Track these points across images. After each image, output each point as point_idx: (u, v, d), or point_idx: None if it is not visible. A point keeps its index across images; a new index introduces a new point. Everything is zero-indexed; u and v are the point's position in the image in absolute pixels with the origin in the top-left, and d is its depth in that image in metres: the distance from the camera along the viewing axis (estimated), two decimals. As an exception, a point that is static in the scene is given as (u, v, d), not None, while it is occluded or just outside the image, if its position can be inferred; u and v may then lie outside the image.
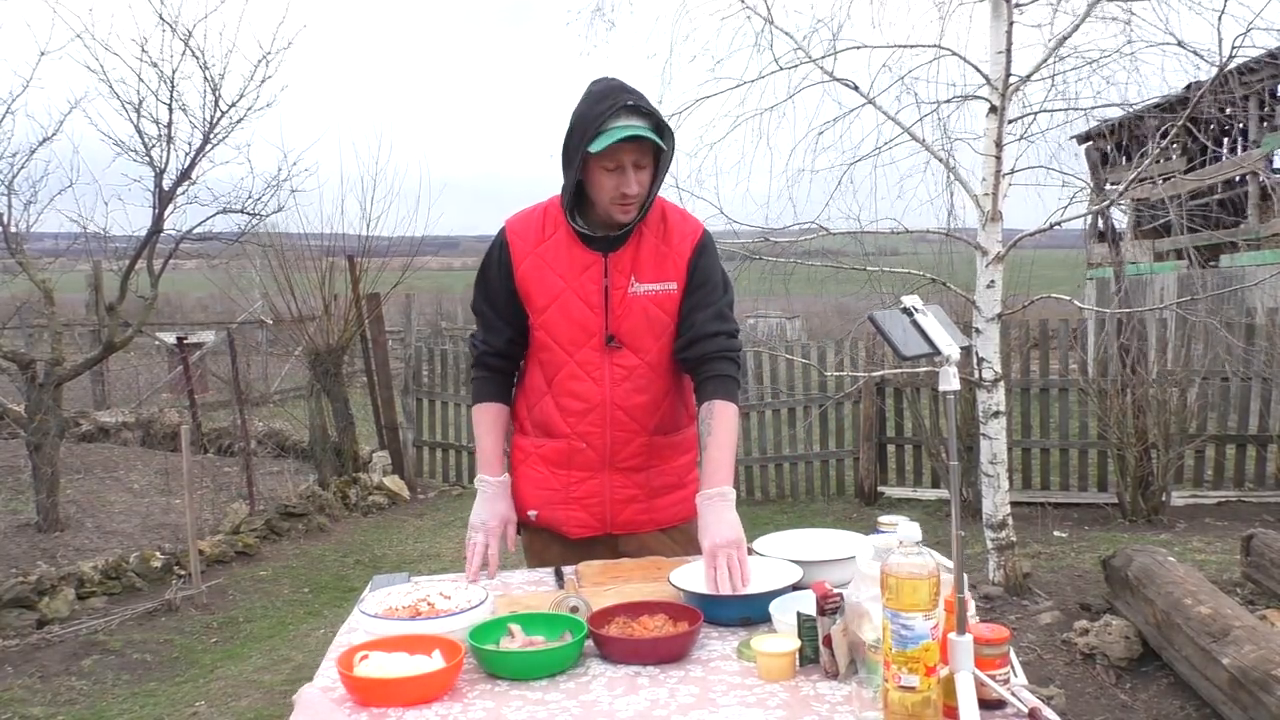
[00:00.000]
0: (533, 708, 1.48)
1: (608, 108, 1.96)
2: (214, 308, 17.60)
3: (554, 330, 2.14)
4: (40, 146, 6.22)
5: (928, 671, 1.32)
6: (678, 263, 2.12)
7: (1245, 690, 3.01)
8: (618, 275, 2.10)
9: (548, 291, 2.12)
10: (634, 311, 2.11)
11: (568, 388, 2.15)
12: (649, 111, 2.00)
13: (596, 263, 2.11)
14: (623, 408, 2.14)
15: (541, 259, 2.13)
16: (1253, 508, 6.61)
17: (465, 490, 8.77)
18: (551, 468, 2.21)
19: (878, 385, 7.43)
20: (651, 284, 2.11)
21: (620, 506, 2.21)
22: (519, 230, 2.17)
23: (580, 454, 2.18)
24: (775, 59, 4.76)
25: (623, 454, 2.18)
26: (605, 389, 2.14)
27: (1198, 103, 4.29)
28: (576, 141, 2.00)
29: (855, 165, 5.02)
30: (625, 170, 2.00)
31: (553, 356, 2.16)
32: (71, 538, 6.33)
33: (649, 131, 1.98)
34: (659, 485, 2.22)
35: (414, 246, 9.04)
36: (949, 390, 1.45)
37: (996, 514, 4.69)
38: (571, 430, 2.17)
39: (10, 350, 6.48)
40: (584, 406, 2.15)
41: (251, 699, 4.13)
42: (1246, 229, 11.70)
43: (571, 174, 2.04)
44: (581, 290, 2.11)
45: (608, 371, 2.13)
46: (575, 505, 2.21)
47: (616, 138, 1.94)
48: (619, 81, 2.05)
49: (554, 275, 2.12)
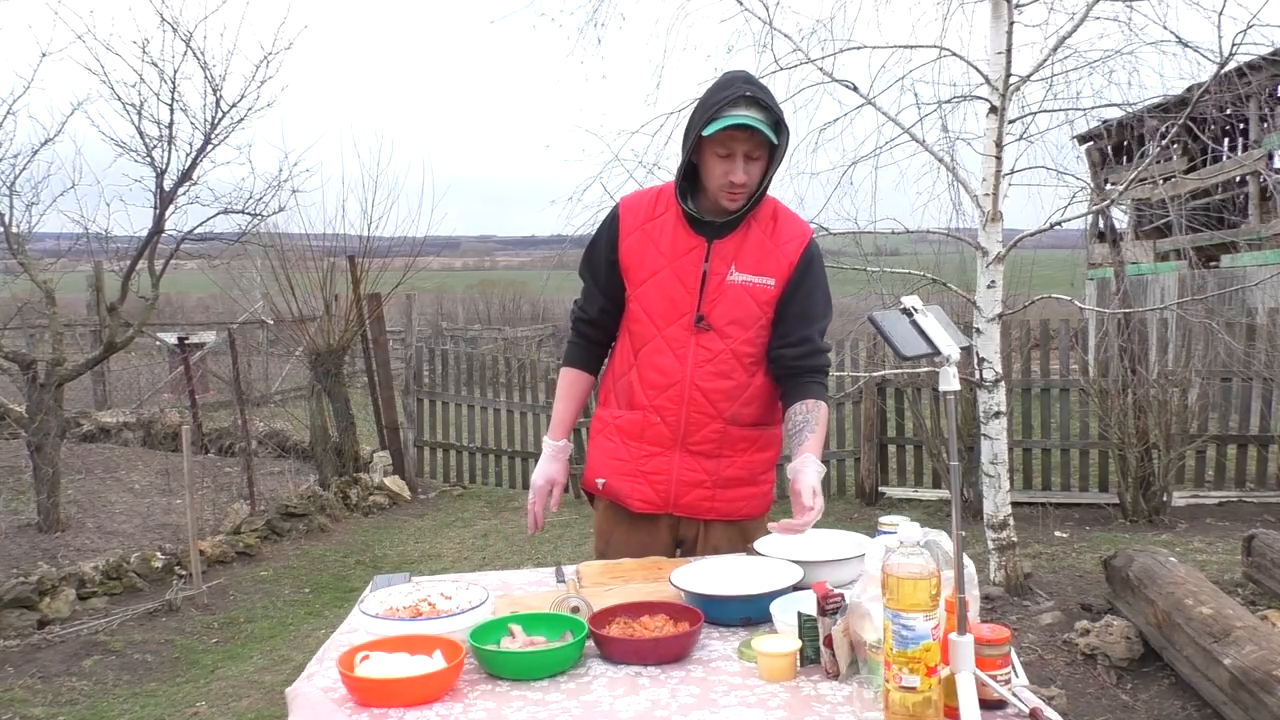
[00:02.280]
0: (534, 708, 1.48)
1: (728, 96, 2.01)
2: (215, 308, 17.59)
3: (648, 304, 2.19)
4: (42, 148, 6.23)
5: (929, 672, 1.32)
6: (780, 261, 2.15)
7: (1246, 691, 3.01)
8: (718, 261, 2.14)
9: (648, 266, 2.18)
10: (728, 298, 2.14)
11: (652, 361, 2.20)
12: (768, 106, 2.02)
13: (700, 246, 2.15)
14: (701, 389, 2.18)
15: (647, 235, 2.19)
16: (1254, 508, 6.61)
17: (466, 490, 8.77)
18: (625, 439, 2.26)
19: (879, 385, 7.42)
20: (751, 275, 2.14)
21: (685, 489, 2.23)
22: (631, 206, 2.23)
23: (653, 428, 2.22)
24: (775, 59, 4.76)
25: (695, 436, 2.21)
26: (687, 367, 2.17)
27: (1197, 102, 4.29)
28: (694, 123, 2.06)
29: (855, 166, 5.03)
30: (736, 158, 2.04)
31: (643, 329, 2.20)
32: (72, 538, 6.33)
33: (763, 124, 2.00)
34: (729, 476, 2.25)
35: (415, 247, 9.03)
36: (949, 390, 1.45)
37: (997, 514, 4.69)
38: (649, 404, 2.21)
39: (12, 350, 6.48)
40: (665, 381, 2.19)
41: (252, 699, 4.13)
42: (1247, 229, 11.69)
43: (685, 154, 2.10)
44: (680, 271, 2.15)
45: (692, 351, 2.17)
46: (641, 479, 2.24)
47: (729, 123, 1.98)
48: (745, 73, 2.11)
49: (656, 252, 2.17)
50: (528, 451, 8.89)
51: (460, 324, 22.73)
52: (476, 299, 27.42)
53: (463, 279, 33.46)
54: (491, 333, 20.55)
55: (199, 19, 6.54)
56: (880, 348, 7.34)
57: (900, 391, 7.48)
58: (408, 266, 8.92)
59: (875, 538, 1.72)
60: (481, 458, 8.98)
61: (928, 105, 4.90)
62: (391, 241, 8.83)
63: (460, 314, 25.31)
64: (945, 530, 1.50)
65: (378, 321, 8.71)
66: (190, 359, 10.07)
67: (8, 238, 6.25)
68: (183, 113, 6.46)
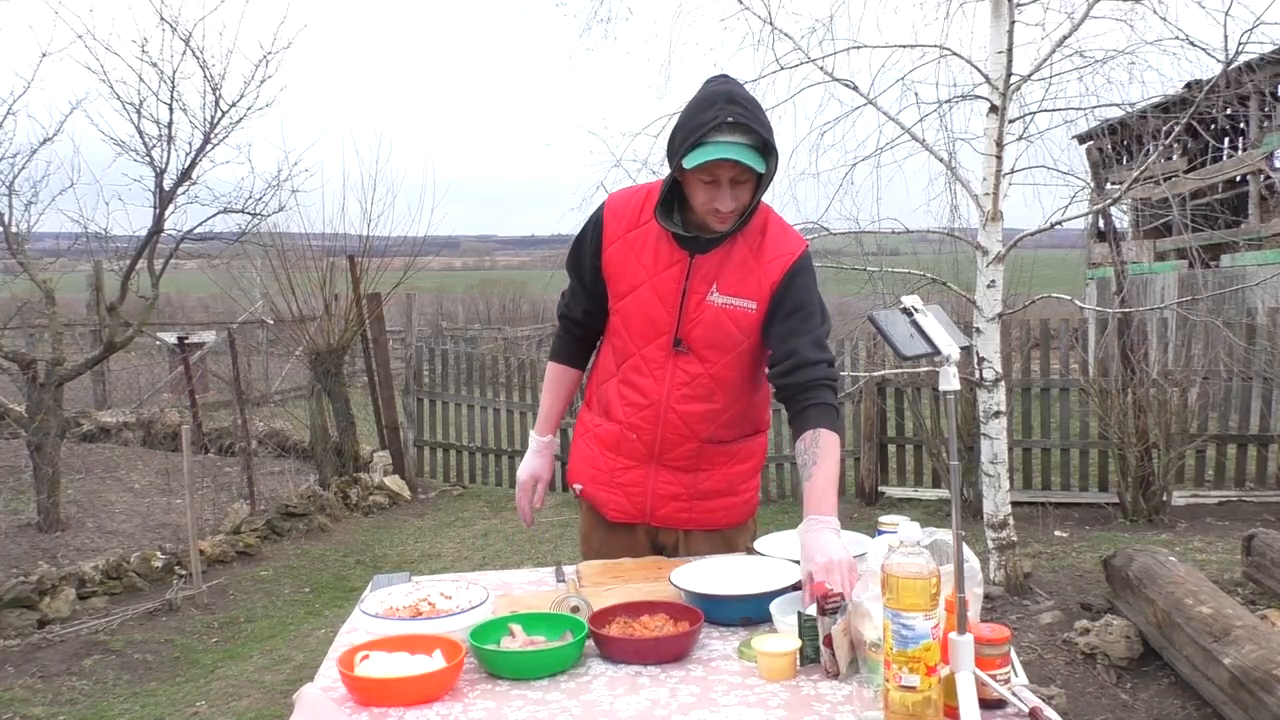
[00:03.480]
0: (533, 707, 1.48)
1: (710, 119, 1.86)
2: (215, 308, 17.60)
3: (628, 320, 2.13)
4: (41, 147, 6.23)
5: (928, 671, 1.32)
6: (762, 283, 2.03)
7: (1246, 690, 3.01)
8: (699, 280, 2.05)
9: (629, 280, 2.10)
10: (707, 320, 2.06)
11: (630, 379, 2.16)
12: (754, 128, 1.87)
13: (681, 262, 2.06)
14: (677, 412, 2.12)
15: (629, 246, 2.09)
16: (1254, 508, 6.61)
17: (466, 490, 8.77)
18: (602, 449, 2.24)
19: (879, 385, 7.42)
20: (731, 297, 2.04)
21: (661, 501, 2.21)
22: (617, 210, 2.13)
23: (629, 444, 2.19)
24: (776, 59, 4.76)
25: (671, 454, 2.17)
26: (664, 389, 2.12)
27: (1200, 102, 4.29)
28: (674, 147, 1.94)
29: (856, 166, 5.02)
30: (721, 185, 1.92)
31: (624, 345, 2.16)
32: (72, 538, 6.33)
33: (748, 154, 1.87)
34: (706, 489, 2.20)
35: (415, 246, 9.03)
36: (949, 390, 1.45)
37: (997, 514, 4.69)
38: (625, 420, 2.18)
39: (11, 350, 6.48)
40: (643, 401, 2.15)
41: (252, 699, 4.13)
42: (1247, 229, 11.69)
43: (670, 175, 2.02)
44: (660, 288, 2.07)
45: (669, 373, 2.11)
46: (617, 490, 2.23)
47: (711, 157, 1.86)
48: (729, 88, 1.92)
49: (638, 265, 2.09)
50: (528, 451, 8.89)
51: (460, 324, 22.74)
52: (476, 299, 27.44)
53: (462, 279, 33.47)
54: (491, 332, 20.57)
55: (198, 18, 6.53)
56: (880, 347, 7.35)
57: (900, 391, 7.48)
58: (407, 266, 8.92)
59: (875, 537, 1.72)
60: (481, 457, 8.98)
61: (928, 105, 4.91)
62: (391, 241, 8.84)
63: (460, 314, 25.32)
64: (945, 529, 1.50)
65: (377, 321, 8.71)
66: (190, 359, 10.07)
67: (7, 237, 6.24)
68: (182, 112, 6.46)
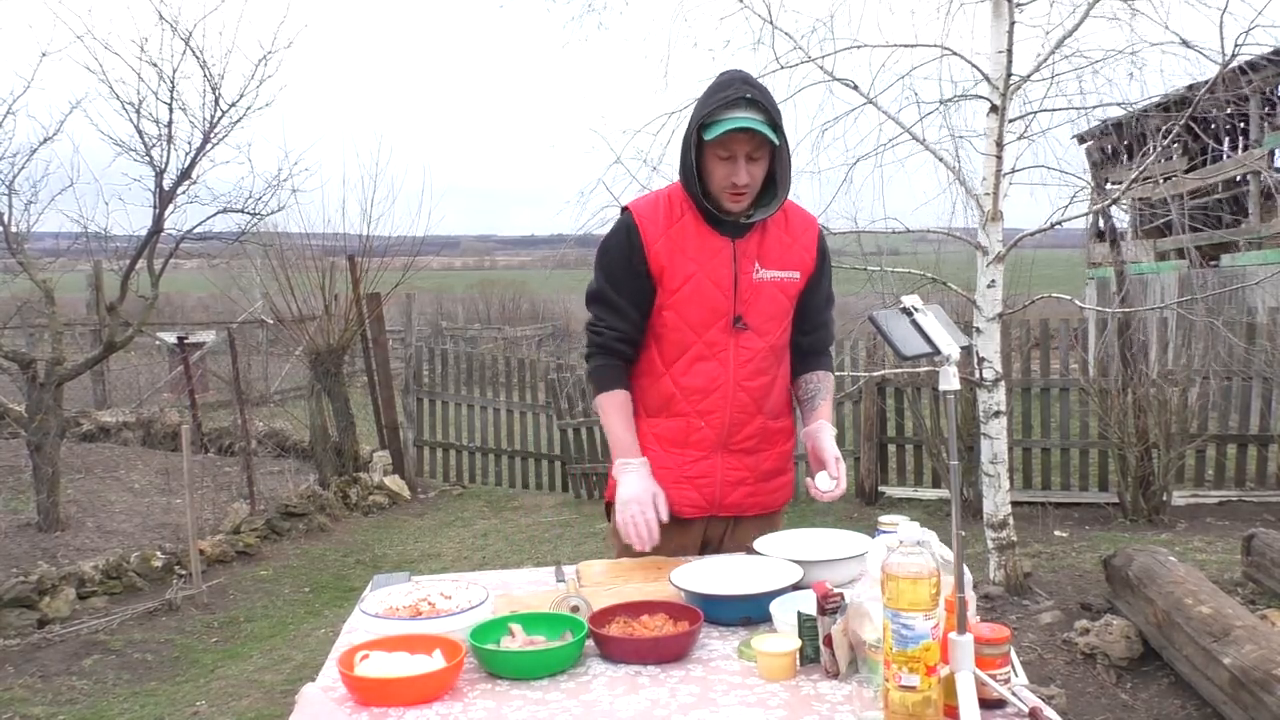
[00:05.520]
0: (533, 707, 1.48)
1: (726, 97, 2.03)
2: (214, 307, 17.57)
3: (684, 311, 2.18)
4: (41, 146, 6.25)
5: (928, 671, 1.32)
6: (803, 254, 2.23)
7: (1246, 690, 3.01)
8: (745, 260, 2.17)
9: (681, 273, 2.16)
10: (761, 296, 2.18)
11: (693, 368, 2.20)
12: (768, 108, 2.04)
13: (726, 247, 2.16)
14: (745, 389, 2.21)
15: (673, 241, 2.16)
16: (1254, 507, 6.61)
17: (465, 490, 8.77)
18: (666, 446, 2.25)
19: (879, 385, 7.42)
20: (777, 271, 2.20)
21: (730, 488, 2.26)
22: (646, 213, 2.19)
23: (698, 433, 2.22)
24: (776, 57, 4.76)
25: (738, 436, 2.24)
26: (730, 370, 2.19)
27: (1199, 102, 4.29)
28: (693, 126, 2.07)
29: (856, 165, 5.02)
30: (737, 160, 2.05)
31: (681, 337, 2.19)
32: (72, 537, 6.33)
33: (763, 125, 2.02)
34: (767, 469, 2.29)
35: (415, 246, 9.05)
36: (949, 390, 1.45)
37: (997, 513, 4.69)
38: (692, 409, 2.21)
39: (11, 350, 6.48)
40: (709, 386, 2.20)
41: (252, 699, 4.13)
42: (1248, 228, 11.69)
43: (688, 158, 2.10)
44: (713, 274, 2.16)
45: (733, 353, 2.18)
46: (687, 485, 2.25)
47: (729, 127, 2.01)
48: (743, 73, 2.13)
49: (686, 258, 2.16)
50: (527, 451, 8.89)
51: (460, 324, 22.73)
52: (476, 299, 27.41)
53: (462, 279, 33.43)
54: (491, 332, 20.58)
55: (198, 18, 6.54)
56: (880, 347, 7.34)
57: (900, 391, 7.48)
58: (407, 266, 8.93)
59: (875, 537, 1.72)
60: (481, 457, 8.98)
61: (928, 104, 4.90)
62: (391, 241, 8.85)
63: (460, 314, 25.31)
64: (944, 530, 1.50)
65: (377, 321, 8.71)
66: (190, 358, 10.07)
67: (6, 237, 6.25)
68: (181, 112, 6.48)
